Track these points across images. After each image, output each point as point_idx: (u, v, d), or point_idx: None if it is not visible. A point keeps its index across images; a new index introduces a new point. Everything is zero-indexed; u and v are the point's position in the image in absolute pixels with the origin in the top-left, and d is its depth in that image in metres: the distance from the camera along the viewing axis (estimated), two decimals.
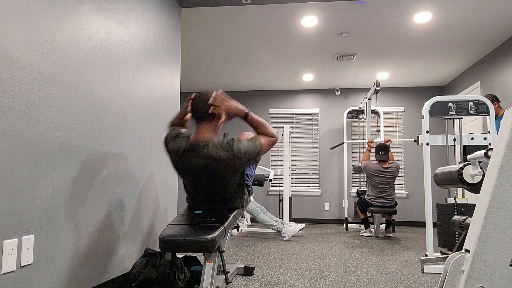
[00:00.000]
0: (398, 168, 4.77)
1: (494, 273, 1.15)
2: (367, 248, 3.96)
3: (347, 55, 5.10)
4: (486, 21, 4.05)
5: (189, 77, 6.14)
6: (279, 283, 2.50)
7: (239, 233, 5.13)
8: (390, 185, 4.73)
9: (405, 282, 2.55)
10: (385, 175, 4.71)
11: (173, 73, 3.19)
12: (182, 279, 2.29)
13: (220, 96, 1.97)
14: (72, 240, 1.84)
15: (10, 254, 1.48)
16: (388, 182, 4.72)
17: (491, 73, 4.91)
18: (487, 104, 3.18)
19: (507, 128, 1.20)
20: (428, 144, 3.20)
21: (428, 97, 6.58)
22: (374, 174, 4.75)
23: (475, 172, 2.49)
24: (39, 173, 1.63)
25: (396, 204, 4.77)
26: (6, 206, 1.47)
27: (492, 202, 1.18)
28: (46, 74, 1.69)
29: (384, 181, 4.72)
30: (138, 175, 2.54)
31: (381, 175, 4.72)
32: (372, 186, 4.79)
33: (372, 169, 4.77)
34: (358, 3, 3.64)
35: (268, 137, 2.05)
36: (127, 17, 2.43)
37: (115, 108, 2.26)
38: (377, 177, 4.74)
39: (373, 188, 4.79)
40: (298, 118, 6.88)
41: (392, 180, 4.73)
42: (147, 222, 2.69)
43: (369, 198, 4.81)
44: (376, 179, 4.75)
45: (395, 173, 4.73)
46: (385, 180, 4.72)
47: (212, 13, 3.88)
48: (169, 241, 1.76)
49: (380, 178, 4.73)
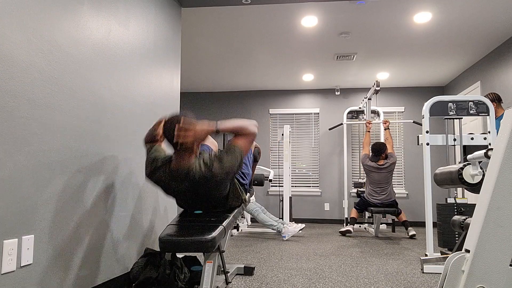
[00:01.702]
0: (395, 162, 4.82)
1: (494, 273, 1.15)
2: (367, 248, 3.96)
3: (347, 55, 5.10)
4: (486, 21, 4.05)
5: (189, 77, 6.14)
6: (279, 283, 2.50)
7: (239, 233, 5.13)
8: (387, 181, 4.80)
9: (405, 282, 2.55)
10: (381, 172, 4.80)
11: (173, 73, 3.19)
12: (182, 279, 2.29)
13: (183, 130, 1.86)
14: (72, 240, 1.84)
15: (10, 254, 1.48)
16: (385, 178, 4.80)
17: (491, 73, 4.91)
18: (487, 104, 3.18)
19: (507, 128, 1.20)
20: (428, 144, 3.20)
21: (428, 97, 6.58)
22: (371, 170, 4.85)
23: (475, 172, 2.49)
24: (39, 173, 1.63)
25: (397, 204, 4.77)
26: (6, 206, 1.47)
27: (492, 202, 1.18)
28: (46, 74, 1.69)
29: (381, 177, 4.80)
30: (138, 175, 2.54)
31: (377, 172, 4.81)
32: (370, 182, 4.88)
33: (369, 165, 4.87)
34: (358, 3, 3.64)
35: (246, 137, 1.99)
36: (127, 17, 2.43)
37: (115, 108, 2.26)
38: (374, 173, 4.83)
39: (370, 184, 4.87)
40: (298, 118, 6.88)
41: (389, 175, 4.80)
42: (147, 222, 2.69)
43: (368, 195, 4.86)
44: (373, 175, 4.84)
45: (391, 167, 4.80)
46: (382, 176, 4.80)
47: (212, 13, 3.88)
48: (169, 241, 1.76)
49: (377, 174, 4.81)
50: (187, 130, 1.86)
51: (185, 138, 1.86)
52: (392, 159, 4.82)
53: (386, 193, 4.77)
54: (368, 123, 5.29)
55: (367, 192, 4.90)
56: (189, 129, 1.87)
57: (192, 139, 1.88)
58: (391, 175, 4.81)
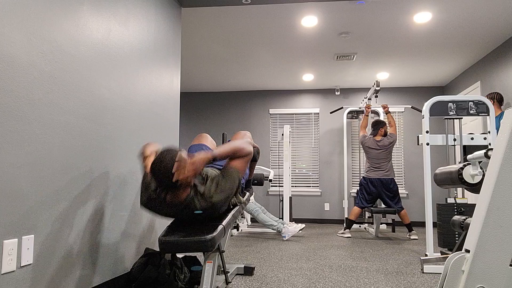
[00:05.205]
0: (392, 141, 4.89)
1: (494, 273, 1.15)
2: (367, 248, 3.96)
3: (347, 55, 5.10)
4: (486, 21, 4.05)
5: (189, 77, 6.15)
6: (279, 283, 2.50)
7: (239, 233, 5.13)
8: (385, 157, 4.88)
9: (405, 282, 2.55)
10: (378, 148, 4.90)
11: (173, 73, 3.19)
12: (182, 279, 2.29)
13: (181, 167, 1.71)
14: (72, 240, 1.84)
15: (10, 254, 1.48)
16: (383, 155, 4.88)
17: (491, 73, 4.91)
18: (487, 104, 3.18)
19: (507, 128, 1.20)
20: (428, 144, 3.20)
21: (428, 97, 6.58)
22: (369, 147, 4.97)
23: (475, 172, 2.49)
24: (39, 173, 1.63)
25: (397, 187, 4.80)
26: (6, 206, 1.47)
27: (492, 202, 1.18)
28: (46, 74, 1.69)
29: (379, 154, 4.89)
30: (138, 174, 2.54)
31: (374, 148, 4.92)
32: (368, 158, 4.99)
33: (367, 143, 4.99)
34: (358, 3, 3.64)
35: (242, 158, 1.95)
36: (127, 17, 2.43)
37: (115, 108, 2.26)
38: (372, 149, 4.94)
39: (369, 161, 4.98)
40: (298, 118, 6.88)
41: (385, 152, 4.88)
42: (147, 222, 2.69)
43: (367, 171, 4.95)
44: (371, 152, 4.95)
45: (388, 145, 4.88)
46: (379, 153, 4.89)
47: (212, 13, 3.88)
48: (168, 242, 1.76)
49: (375, 150, 4.92)
50: (186, 164, 1.73)
51: (187, 174, 1.73)
52: (391, 138, 4.91)
53: (384, 169, 4.84)
54: (367, 107, 5.36)
55: (366, 169, 5.00)
56: (186, 164, 1.73)
57: (193, 174, 1.76)
58: (390, 153, 4.90)
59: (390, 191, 4.78)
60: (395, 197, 4.78)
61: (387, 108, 5.17)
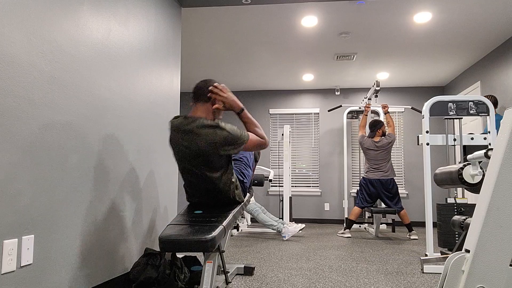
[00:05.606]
0: (390, 141, 4.88)
1: (494, 273, 1.15)
2: (367, 248, 3.96)
3: (347, 55, 5.10)
4: (486, 21, 4.05)
5: (189, 77, 6.14)
6: (279, 283, 2.50)
7: (239, 233, 5.13)
8: (384, 158, 4.88)
9: (405, 282, 2.55)
10: (377, 149, 4.90)
11: (173, 73, 3.19)
12: (182, 279, 2.29)
13: (222, 86, 2.11)
14: (72, 240, 1.84)
15: (10, 254, 1.48)
16: (381, 156, 4.88)
17: (491, 73, 4.91)
18: (487, 104, 3.18)
19: (507, 128, 1.20)
20: (428, 144, 3.20)
21: (428, 97, 6.58)
22: (368, 148, 4.97)
23: (475, 172, 2.49)
24: (39, 173, 1.63)
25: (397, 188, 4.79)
26: (6, 206, 1.47)
27: (492, 202, 1.18)
28: (46, 74, 1.69)
29: (377, 155, 4.89)
30: (138, 174, 2.54)
31: (373, 149, 4.92)
32: (367, 159, 4.99)
33: (366, 144, 4.99)
34: (358, 3, 3.64)
35: (257, 137, 2.15)
36: (127, 17, 2.43)
37: (115, 108, 2.26)
38: (370, 151, 4.94)
39: (368, 162, 4.98)
40: (298, 118, 6.88)
41: (384, 152, 4.87)
42: (147, 221, 2.69)
43: (366, 172, 4.94)
44: (369, 153, 4.95)
45: (388, 146, 4.87)
46: (378, 153, 4.89)
47: (212, 13, 3.88)
48: (169, 241, 1.76)
49: (373, 151, 4.92)
50: (223, 89, 2.10)
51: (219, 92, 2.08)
52: (389, 138, 4.90)
53: (383, 170, 4.84)
54: (367, 106, 5.35)
55: (366, 169, 4.99)
56: (223, 90, 2.11)
57: (222, 98, 2.09)
58: (389, 153, 4.89)
59: (389, 191, 4.78)
60: (395, 197, 4.78)
61: (386, 108, 5.16)
